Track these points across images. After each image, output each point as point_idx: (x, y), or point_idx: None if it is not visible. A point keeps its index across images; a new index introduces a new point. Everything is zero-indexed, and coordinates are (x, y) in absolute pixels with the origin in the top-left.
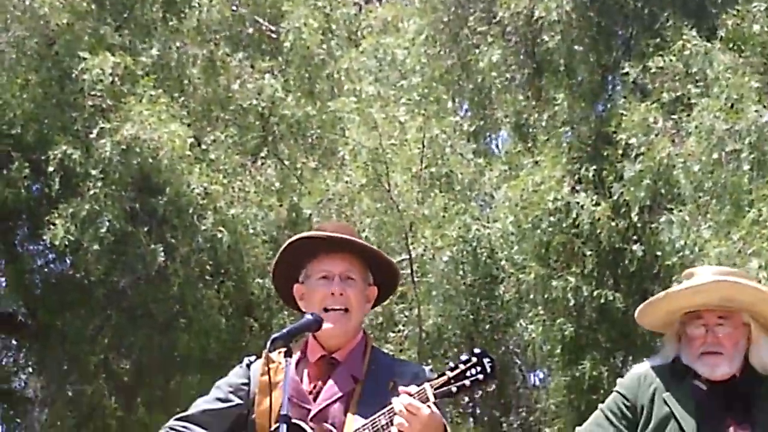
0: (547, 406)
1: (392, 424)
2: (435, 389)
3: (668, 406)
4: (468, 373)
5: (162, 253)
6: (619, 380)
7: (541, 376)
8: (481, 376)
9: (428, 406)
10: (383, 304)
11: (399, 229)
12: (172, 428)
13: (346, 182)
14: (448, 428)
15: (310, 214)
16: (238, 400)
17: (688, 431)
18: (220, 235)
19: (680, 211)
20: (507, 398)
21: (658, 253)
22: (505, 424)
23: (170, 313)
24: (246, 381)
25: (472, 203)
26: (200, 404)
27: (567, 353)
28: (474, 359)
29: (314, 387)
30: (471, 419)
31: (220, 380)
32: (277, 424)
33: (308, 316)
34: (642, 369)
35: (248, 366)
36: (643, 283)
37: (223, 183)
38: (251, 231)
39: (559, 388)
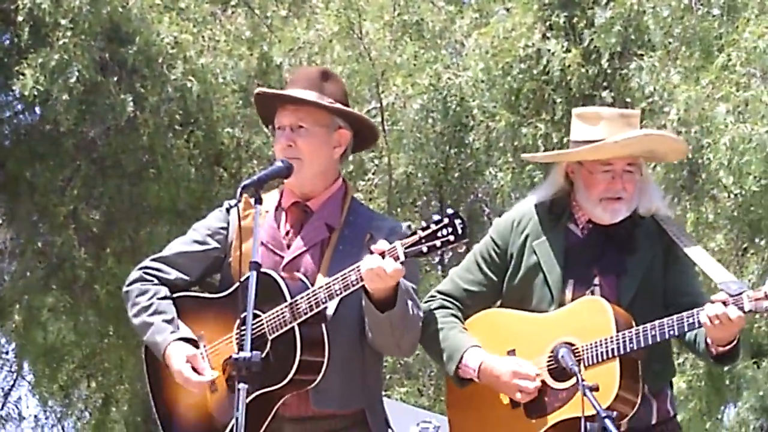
0: None
1: (361, 281)
2: (406, 248)
3: (536, 255)
4: (439, 234)
5: (131, 103)
6: (495, 221)
7: None
8: (452, 237)
9: (399, 264)
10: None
11: (370, 78)
12: (146, 269)
13: (317, 30)
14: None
15: (281, 63)
16: (215, 244)
17: (553, 284)
18: (189, 85)
19: (650, 57)
20: None
21: (628, 100)
22: None
23: (140, 163)
24: (225, 225)
25: (443, 51)
26: (176, 246)
27: None
28: (446, 220)
29: (288, 234)
30: (439, 267)
31: (198, 222)
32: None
33: (278, 163)
34: (519, 211)
35: (228, 210)
36: None
37: (193, 32)
38: (221, 80)
39: None
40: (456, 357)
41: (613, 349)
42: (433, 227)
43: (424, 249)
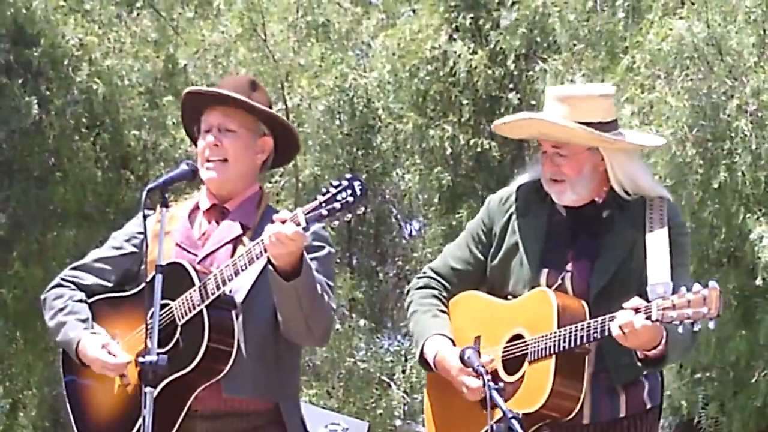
0: (423, 255)
1: (265, 252)
2: (306, 213)
3: (518, 234)
4: (338, 197)
5: (37, 106)
6: (488, 197)
7: (417, 225)
8: (351, 199)
9: (301, 230)
10: None
11: (275, 79)
12: (64, 278)
13: (222, 32)
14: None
15: (186, 65)
16: (132, 248)
17: (529, 265)
18: (95, 87)
19: (555, 59)
20: (383, 248)
21: (533, 102)
22: (381, 273)
23: (46, 166)
24: (141, 230)
25: (349, 52)
26: (94, 253)
27: (443, 202)
28: (345, 183)
29: (204, 234)
30: (348, 269)
31: (117, 231)
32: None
33: (183, 166)
34: (510, 188)
35: (145, 216)
36: None
37: (98, 34)
38: (127, 82)
39: (436, 237)
40: (419, 344)
41: (550, 347)
42: (333, 191)
43: (324, 212)
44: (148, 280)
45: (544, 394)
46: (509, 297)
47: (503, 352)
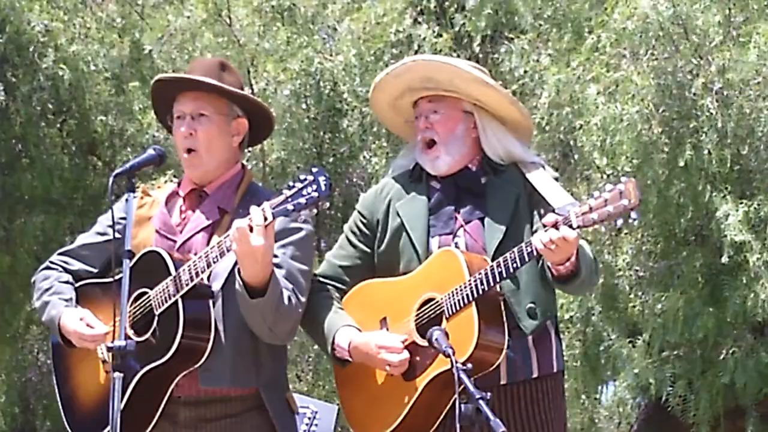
0: None
1: (229, 250)
2: (273, 208)
3: (399, 217)
4: (304, 192)
5: (3, 93)
6: (361, 196)
7: None
8: (316, 194)
9: (263, 228)
10: None
11: (240, 64)
12: (53, 262)
13: (187, 17)
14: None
15: (151, 51)
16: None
17: (417, 241)
18: (61, 73)
19: (521, 39)
20: None
21: (499, 83)
22: None
23: (12, 153)
24: (124, 215)
25: (315, 36)
26: (80, 239)
27: None
28: (311, 177)
29: (183, 220)
30: (316, 252)
31: (102, 215)
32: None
33: (150, 151)
34: (383, 181)
35: (127, 201)
36: None
37: (63, 20)
38: (93, 68)
39: None
40: (329, 340)
41: (467, 295)
42: (299, 186)
43: (290, 207)
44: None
45: (472, 342)
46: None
47: (416, 320)
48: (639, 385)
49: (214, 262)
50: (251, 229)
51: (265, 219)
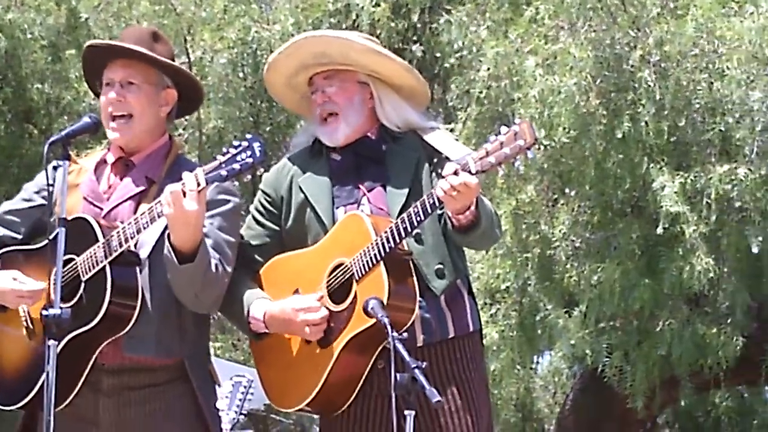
0: None
1: (161, 215)
2: (206, 173)
3: (303, 191)
4: (238, 158)
5: None
6: (264, 175)
7: None
8: (250, 160)
9: (196, 192)
10: None
11: (177, 33)
12: None
13: None
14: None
15: (87, 18)
16: (41, 200)
17: (323, 213)
18: None
19: (459, 11)
20: None
21: (438, 54)
22: None
23: None
24: (51, 182)
25: (253, 5)
26: (5, 205)
27: None
28: (245, 143)
29: (110, 188)
30: None
31: (28, 182)
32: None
33: (86, 119)
34: (284, 159)
35: (55, 168)
36: None
37: None
38: (29, 36)
39: None
40: (244, 313)
41: (375, 255)
42: (233, 151)
43: (224, 173)
44: (52, 235)
45: (383, 300)
46: None
47: (327, 286)
48: (575, 355)
49: (145, 228)
50: (184, 194)
51: (198, 184)
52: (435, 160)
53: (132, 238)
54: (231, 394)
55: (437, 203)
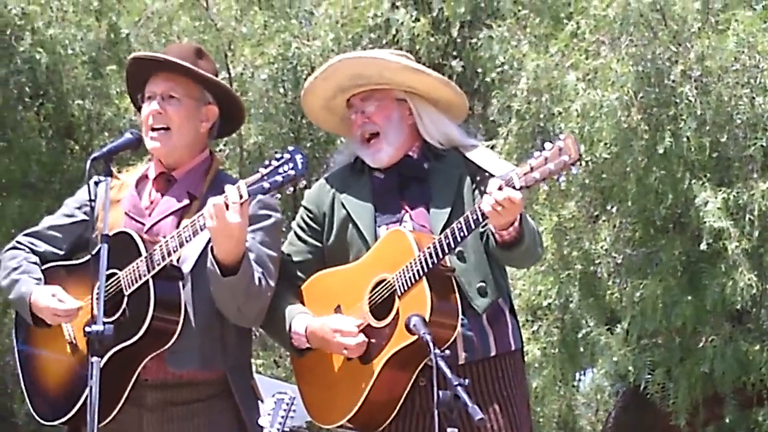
0: None
1: (203, 229)
2: (248, 186)
3: (345, 208)
4: (280, 170)
5: None
6: (306, 192)
7: None
8: (292, 172)
9: (239, 205)
10: None
11: (218, 48)
12: (19, 242)
13: (165, 1)
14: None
15: (128, 34)
16: (83, 216)
17: (365, 231)
18: (38, 57)
19: (500, 26)
20: None
21: (479, 69)
22: None
23: None
24: (93, 198)
25: (293, 21)
26: (47, 220)
27: None
28: (287, 156)
29: (151, 203)
30: None
31: (69, 198)
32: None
33: (127, 134)
34: (326, 175)
35: (96, 184)
36: None
37: (40, 3)
38: (70, 52)
39: None
40: (285, 328)
41: (418, 270)
42: (275, 164)
43: (266, 185)
44: (95, 250)
45: (425, 317)
46: None
47: (369, 302)
48: (617, 372)
49: (187, 242)
50: (227, 207)
51: (241, 197)
52: (478, 177)
53: (175, 251)
54: (273, 411)
55: (481, 219)
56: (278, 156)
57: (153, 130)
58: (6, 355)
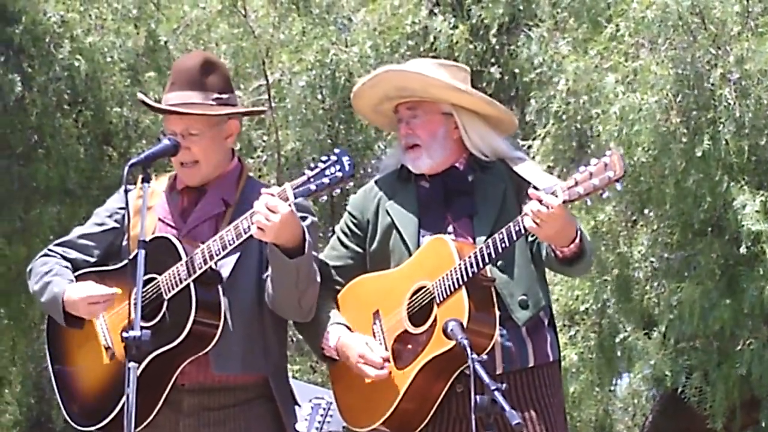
0: None
1: (246, 231)
2: (295, 188)
3: (390, 215)
4: (327, 172)
5: (19, 83)
6: (351, 196)
7: None
8: (339, 174)
9: (288, 205)
10: (242, 131)
11: (256, 55)
12: (51, 250)
13: (203, 8)
14: (307, 233)
15: (167, 41)
16: (113, 224)
17: (408, 239)
18: (77, 64)
19: (538, 27)
20: None
21: (516, 71)
22: None
23: (28, 144)
24: (123, 205)
25: (330, 27)
26: (78, 230)
27: None
28: (334, 158)
29: (184, 210)
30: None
31: (100, 207)
32: (137, 251)
33: (165, 141)
34: (372, 182)
35: (126, 191)
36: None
37: (79, 11)
38: (109, 59)
39: None
40: (320, 335)
41: (458, 279)
42: (321, 166)
43: (313, 187)
44: (132, 255)
45: (463, 323)
46: None
47: (408, 308)
48: (654, 377)
49: (230, 245)
50: (270, 206)
51: (287, 200)
52: (523, 190)
53: (217, 254)
54: (310, 417)
55: (523, 230)
56: (324, 158)
57: (182, 165)
58: (43, 362)
